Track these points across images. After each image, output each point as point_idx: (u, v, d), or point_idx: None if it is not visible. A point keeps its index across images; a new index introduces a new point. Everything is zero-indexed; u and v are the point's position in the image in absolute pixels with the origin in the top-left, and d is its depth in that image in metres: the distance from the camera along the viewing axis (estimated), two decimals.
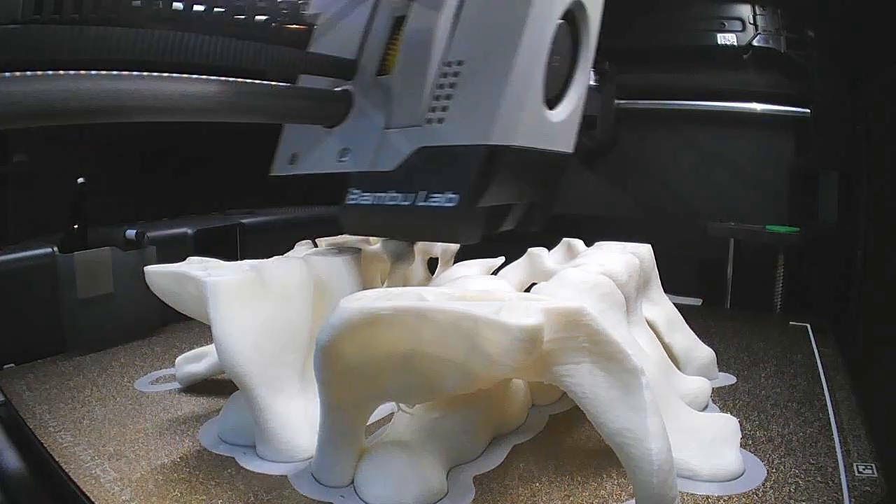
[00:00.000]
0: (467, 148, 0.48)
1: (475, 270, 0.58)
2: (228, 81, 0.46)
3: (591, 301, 0.47)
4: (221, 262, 0.55)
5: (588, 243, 0.65)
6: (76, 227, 0.79)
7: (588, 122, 1.17)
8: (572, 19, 0.53)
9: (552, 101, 0.53)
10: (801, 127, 1.04)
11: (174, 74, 0.43)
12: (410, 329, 0.38)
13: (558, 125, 0.54)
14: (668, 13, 1.10)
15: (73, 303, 0.75)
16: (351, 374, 0.40)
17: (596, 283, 0.48)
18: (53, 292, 0.75)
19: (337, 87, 0.56)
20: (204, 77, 0.44)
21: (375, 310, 0.37)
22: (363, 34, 0.55)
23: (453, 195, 0.48)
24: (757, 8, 1.04)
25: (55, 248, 0.77)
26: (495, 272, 0.62)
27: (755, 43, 1.03)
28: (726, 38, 1.04)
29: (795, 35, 1.03)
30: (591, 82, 1.16)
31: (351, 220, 0.55)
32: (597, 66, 1.15)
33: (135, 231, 0.84)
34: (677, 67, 1.10)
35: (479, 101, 0.48)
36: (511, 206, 0.54)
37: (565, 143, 0.56)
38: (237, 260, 0.56)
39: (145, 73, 0.41)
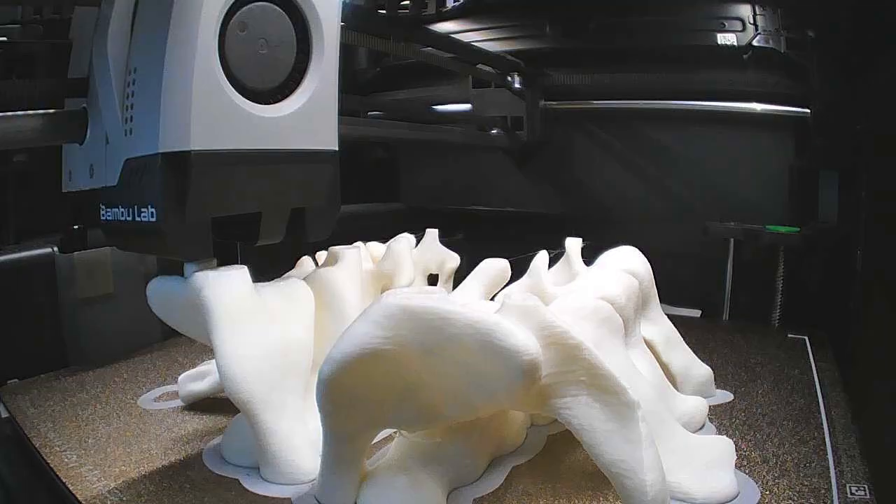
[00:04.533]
0: (149, 158, 0.45)
1: (476, 292, 0.58)
2: None
3: (590, 327, 0.47)
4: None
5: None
6: (76, 227, 0.79)
7: (515, 123, 1.22)
8: (288, 3, 0.49)
9: (269, 96, 0.49)
10: (801, 127, 1.04)
11: None
12: (412, 364, 0.38)
13: (286, 120, 0.50)
14: (668, 13, 1.10)
15: (73, 303, 0.76)
16: (352, 404, 0.41)
17: (595, 308, 0.49)
18: (53, 292, 0.76)
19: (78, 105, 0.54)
20: None
21: (376, 345, 0.38)
22: (90, 50, 0.52)
23: (152, 209, 0.46)
24: (757, 8, 1.04)
25: (55, 248, 0.77)
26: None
27: (755, 43, 1.03)
28: (726, 38, 1.04)
29: (795, 35, 1.02)
30: (516, 85, 1.20)
31: (110, 237, 0.53)
32: (518, 69, 1.18)
33: None
34: (677, 67, 1.10)
35: (150, 105, 0.45)
36: (258, 216, 0.51)
37: (316, 140, 0.52)
38: (237, 261, 0.56)
39: None
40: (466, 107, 1.28)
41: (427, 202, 1.42)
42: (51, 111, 0.53)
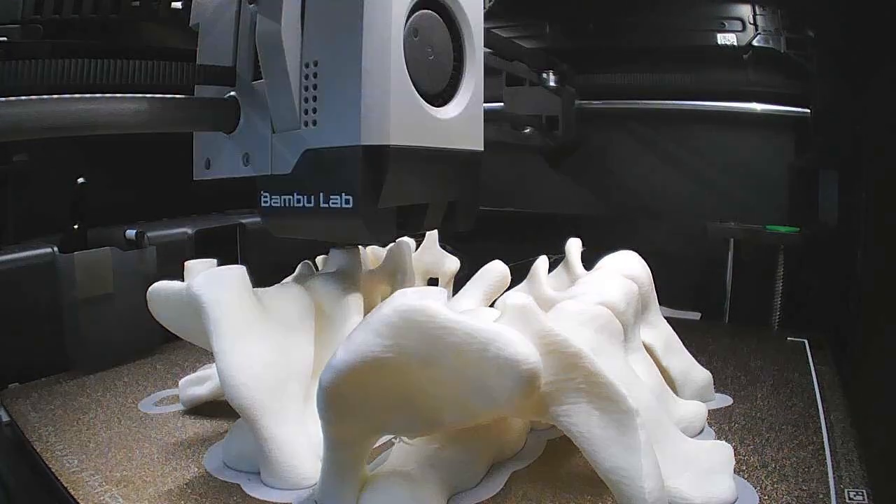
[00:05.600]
0: (346, 149, 0.48)
1: (477, 298, 0.58)
2: (132, 98, 0.48)
3: (590, 332, 0.47)
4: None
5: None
6: (76, 227, 0.79)
7: (550, 123, 1.20)
8: (439, 8, 0.53)
9: (438, 98, 0.54)
10: (801, 127, 1.04)
11: (86, 95, 0.46)
12: (413, 372, 0.39)
13: (451, 123, 0.54)
14: (667, 13, 1.10)
15: (73, 303, 0.76)
16: (353, 411, 0.41)
17: (594, 314, 0.49)
18: (53, 292, 0.76)
19: (224, 94, 0.56)
20: (109, 95, 0.47)
21: (376, 353, 0.38)
22: (234, 40, 0.55)
23: (348, 196, 0.49)
24: (757, 8, 1.04)
25: (55, 248, 0.77)
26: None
27: (755, 43, 1.03)
28: (726, 38, 1.04)
29: (795, 35, 1.02)
30: (551, 83, 1.18)
31: (270, 221, 0.56)
32: (555, 69, 1.17)
33: (135, 231, 0.85)
34: (677, 67, 1.10)
35: (342, 100, 0.48)
36: (426, 206, 0.56)
37: (468, 141, 0.57)
38: (237, 261, 0.56)
39: (56, 96, 0.45)
40: (498, 105, 1.25)
41: None
42: (204, 98, 0.56)
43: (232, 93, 0.55)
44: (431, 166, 0.53)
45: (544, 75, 1.19)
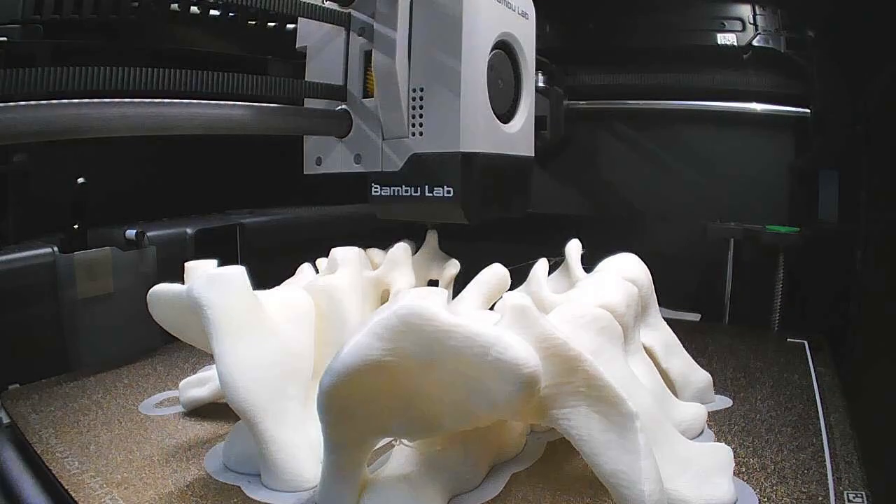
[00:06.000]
0: (448, 154, 0.63)
1: (477, 301, 0.58)
2: (256, 106, 0.58)
3: (589, 335, 0.47)
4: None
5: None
6: (76, 227, 0.79)
7: (538, 123, 1.20)
8: (507, 49, 0.69)
9: (504, 117, 0.69)
10: (801, 127, 1.04)
11: (219, 102, 0.55)
12: (413, 375, 0.39)
13: (514, 135, 0.70)
14: (667, 13, 1.09)
15: (73, 303, 0.76)
16: (353, 414, 0.41)
17: (594, 317, 0.49)
18: (53, 292, 0.76)
19: (335, 107, 0.68)
20: (241, 103, 0.57)
21: (376, 357, 0.38)
22: (344, 64, 0.68)
23: (449, 188, 0.63)
24: (757, 8, 1.03)
25: (55, 248, 0.77)
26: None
27: (755, 43, 1.03)
28: (726, 38, 1.04)
29: (795, 35, 1.02)
30: (540, 84, 1.18)
31: (379, 207, 0.68)
32: (544, 69, 1.17)
33: (135, 231, 0.85)
34: (677, 67, 1.10)
35: (444, 118, 0.62)
36: (496, 197, 0.69)
37: (525, 149, 0.73)
38: (237, 261, 0.56)
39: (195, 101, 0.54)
40: None
41: None
42: (325, 110, 0.68)
43: (343, 106, 0.68)
44: (500, 167, 0.68)
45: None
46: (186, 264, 0.56)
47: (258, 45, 0.99)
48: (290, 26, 0.96)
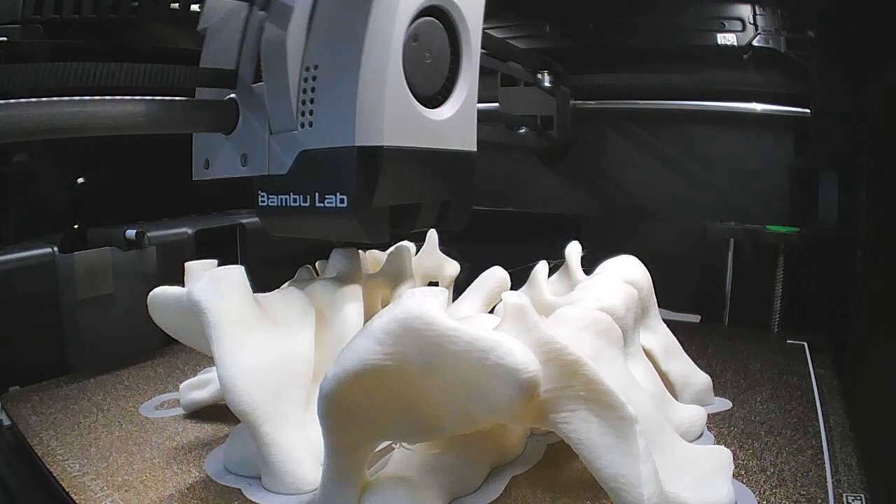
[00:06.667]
0: (341, 150, 0.49)
1: (477, 304, 0.58)
2: (131, 100, 0.49)
3: (589, 338, 0.47)
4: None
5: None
6: (76, 227, 0.79)
7: (545, 123, 1.20)
8: (441, 15, 0.54)
9: (433, 100, 0.55)
10: (801, 127, 1.04)
11: (86, 98, 0.48)
12: (413, 379, 0.39)
13: (444, 124, 0.55)
14: (667, 13, 1.10)
15: (73, 303, 0.76)
16: (353, 418, 0.41)
17: (594, 320, 0.49)
18: (53, 292, 0.76)
19: (225, 96, 0.57)
20: (109, 98, 0.49)
21: (376, 361, 0.38)
22: (239, 45, 0.57)
23: (343, 196, 0.50)
24: (757, 8, 1.04)
25: (55, 248, 0.77)
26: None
27: (755, 43, 1.03)
28: (726, 38, 1.04)
29: (795, 35, 1.02)
30: (546, 84, 1.18)
31: (267, 221, 0.57)
32: (550, 69, 1.18)
33: (135, 231, 0.85)
34: (677, 67, 1.10)
35: (338, 103, 0.49)
36: (419, 206, 0.57)
37: (462, 142, 0.58)
38: (237, 261, 0.56)
39: (55, 99, 0.46)
40: (493, 105, 1.26)
41: None
42: (203, 100, 0.57)
43: (232, 95, 0.57)
44: (425, 166, 0.54)
45: (539, 76, 1.19)
46: (186, 264, 0.56)
47: None
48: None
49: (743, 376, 0.73)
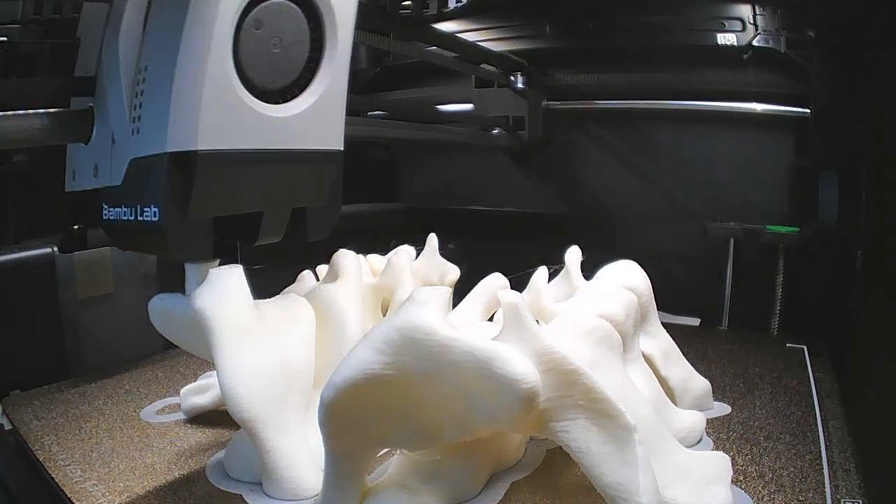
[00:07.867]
0: (155, 157, 0.45)
1: (476, 312, 0.59)
2: None
3: (588, 346, 0.47)
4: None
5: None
6: (76, 227, 0.79)
7: (516, 124, 1.22)
8: (304, 1, 0.48)
9: (279, 94, 0.48)
10: (801, 127, 1.04)
11: None
12: (413, 388, 0.39)
13: (292, 121, 0.49)
14: (667, 13, 1.09)
15: (73, 303, 0.76)
16: (353, 426, 0.42)
17: (594, 327, 0.49)
18: (53, 293, 0.76)
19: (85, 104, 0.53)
20: None
21: (376, 370, 0.38)
22: (99, 50, 0.52)
23: (154, 208, 0.45)
24: (757, 8, 1.04)
25: (55, 248, 0.77)
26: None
27: (755, 43, 1.03)
28: (726, 38, 1.04)
29: (795, 35, 1.02)
30: (519, 85, 1.20)
31: (111, 236, 0.52)
32: (522, 69, 1.18)
33: None
34: (677, 67, 1.10)
35: (159, 105, 0.45)
36: (259, 215, 0.51)
37: (321, 140, 0.51)
38: (237, 261, 0.55)
39: None
40: (468, 107, 1.28)
41: (426, 202, 1.42)
42: (56, 110, 0.52)
43: (91, 103, 0.52)
44: (262, 171, 0.49)
45: (512, 77, 1.21)
46: (186, 265, 0.56)
47: None
48: None
49: (742, 380, 0.74)
